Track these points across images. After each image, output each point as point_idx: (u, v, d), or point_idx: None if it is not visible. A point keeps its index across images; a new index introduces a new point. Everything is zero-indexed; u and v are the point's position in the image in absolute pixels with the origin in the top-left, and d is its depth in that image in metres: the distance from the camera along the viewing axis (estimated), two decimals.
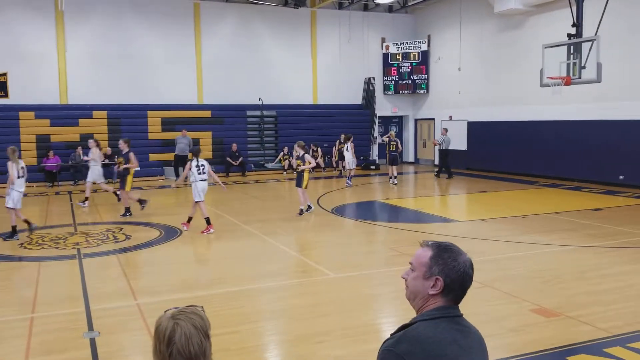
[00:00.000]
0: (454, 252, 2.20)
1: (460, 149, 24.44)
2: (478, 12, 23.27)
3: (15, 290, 8.04)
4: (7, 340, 5.96)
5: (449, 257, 2.19)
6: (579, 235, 10.64)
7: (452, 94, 25.16)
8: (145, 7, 23.07)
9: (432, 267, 2.18)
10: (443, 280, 2.17)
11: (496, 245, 10.07)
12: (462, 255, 2.20)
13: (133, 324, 6.41)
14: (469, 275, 2.18)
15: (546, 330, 5.97)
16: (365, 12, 26.80)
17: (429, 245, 2.24)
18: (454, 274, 2.16)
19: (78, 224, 12.76)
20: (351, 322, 6.32)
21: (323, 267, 8.74)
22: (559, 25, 18.18)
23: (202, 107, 23.96)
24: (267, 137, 24.87)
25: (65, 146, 21.33)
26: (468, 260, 2.20)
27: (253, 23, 24.85)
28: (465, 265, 2.18)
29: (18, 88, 21.33)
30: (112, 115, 22.29)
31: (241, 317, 6.55)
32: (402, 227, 12.19)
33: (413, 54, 26.80)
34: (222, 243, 10.86)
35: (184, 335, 1.88)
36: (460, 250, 2.22)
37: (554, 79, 15.78)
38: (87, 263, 9.13)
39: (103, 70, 22.49)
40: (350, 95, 26.67)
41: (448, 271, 2.16)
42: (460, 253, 2.20)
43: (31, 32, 21.59)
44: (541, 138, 20.20)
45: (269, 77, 25.07)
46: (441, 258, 2.19)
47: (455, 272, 2.17)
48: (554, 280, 7.83)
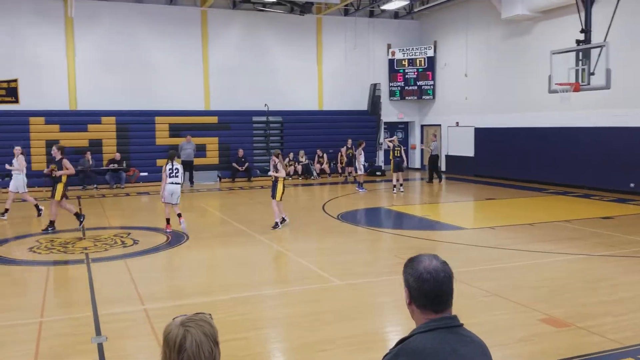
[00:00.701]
0: (416, 261, 2.25)
1: (468, 155, 24.39)
2: (485, 18, 23.26)
3: (24, 295, 8.06)
4: (16, 344, 5.98)
5: (411, 266, 2.26)
6: (589, 244, 10.56)
7: (459, 100, 25.13)
8: (153, 14, 23.20)
9: (403, 278, 2.27)
10: (407, 288, 2.24)
11: (504, 253, 10.02)
12: (423, 263, 2.22)
13: (140, 329, 6.42)
14: (425, 279, 2.18)
15: (555, 340, 5.92)
16: (371, 18, 26.85)
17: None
18: (413, 281, 2.21)
19: (86, 229, 12.80)
20: (355, 330, 6.29)
21: (328, 274, 8.72)
22: (567, 32, 18.14)
23: (208, 113, 24.05)
24: (273, 142, 24.90)
25: (74, 151, 21.37)
26: (430, 265, 2.21)
27: (259, 30, 24.94)
28: (424, 270, 2.20)
29: (28, 94, 21.46)
30: (120, 121, 22.40)
31: (247, 324, 6.54)
32: (408, 234, 12.16)
33: (419, 60, 26.80)
34: (228, 249, 10.86)
35: (195, 342, 1.89)
36: (427, 259, 2.24)
37: (562, 86, 15.73)
38: (95, 268, 9.15)
39: (112, 76, 22.61)
40: (356, 101, 26.69)
41: (408, 279, 2.24)
42: (422, 261, 2.23)
43: (41, 39, 21.74)
44: (550, 145, 20.10)
45: (275, 84, 25.13)
46: (405, 268, 2.27)
47: (413, 279, 2.21)
48: (564, 289, 7.77)
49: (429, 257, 2.23)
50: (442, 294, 2.18)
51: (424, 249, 10.32)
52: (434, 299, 2.17)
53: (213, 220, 14.82)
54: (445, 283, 2.19)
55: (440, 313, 2.18)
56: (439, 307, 2.18)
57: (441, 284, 2.17)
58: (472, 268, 8.79)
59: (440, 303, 2.18)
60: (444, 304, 2.19)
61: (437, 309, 2.18)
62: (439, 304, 2.18)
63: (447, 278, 2.20)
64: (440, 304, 2.18)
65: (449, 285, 2.21)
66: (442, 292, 2.18)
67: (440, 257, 2.26)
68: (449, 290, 2.20)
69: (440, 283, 2.17)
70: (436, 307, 2.18)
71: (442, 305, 2.18)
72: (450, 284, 2.22)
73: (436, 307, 2.18)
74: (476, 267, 8.89)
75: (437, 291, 2.17)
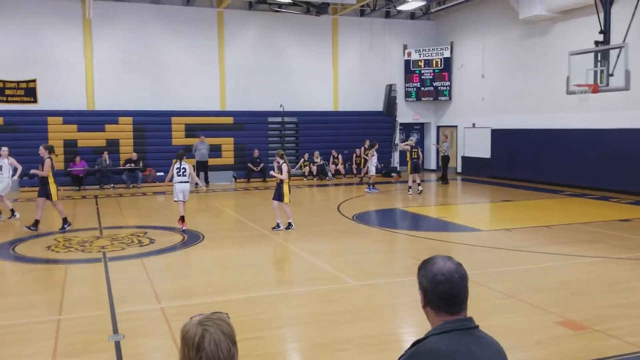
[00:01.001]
0: (430, 263, 2.25)
1: (484, 157, 24.25)
2: (502, 18, 23.11)
3: (42, 293, 8.16)
4: (34, 342, 6.05)
5: (425, 268, 2.26)
6: (607, 247, 10.46)
7: (476, 101, 25.00)
8: (170, 15, 23.36)
9: (418, 280, 2.27)
10: (421, 290, 2.24)
11: (521, 255, 9.95)
12: (437, 265, 2.22)
13: (157, 327, 6.46)
14: (439, 281, 2.17)
15: (572, 343, 5.88)
16: (387, 19, 26.80)
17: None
18: (427, 283, 2.21)
19: (103, 227, 12.92)
20: (371, 330, 6.29)
21: (343, 275, 8.72)
22: (585, 32, 17.97)
23: (224, 114, 24.15)
24: (288, 143, 24.94)
25: (91, 151, 21.64)
26: (444, 267, 2.20)
27: (275, 31, 25.01)
28: (438, 272, 2.19)
29: (46, 94, 21.81)
30: (137, 121, 22.58)
31: (262, 323, 6.56)
32: (423, 235, 12.12)
33: (435, 61, 26.70)
34: (244, 248, 10.90)
35: (213, 341, 1.90)
36: (441, 260, 2.24)
37: (580, 87, 15.59)
38: (113, 266, 9.23)
39: (129, 76, 22.81)
40: (372, 102, 26.66)
41: (422, 281, 2.24)
42: (436, 263, 2.23)
43: (59, 40, 21.98)
44: (567, 146, 19.93)
45: (291, 84, 25.19)
46: (419, 270, 2.28)
47: (427, 281, 2.22)
48: (581, 292, 7.70)
49: (443, 259, 2.23)
50: (457, 296, 2.17)
51: (440, 250, 10.29)
52: (448, 300, 2.17)
53: (228, 220, 14.88)
54: (459, 285, 2.18)
55: (455, 315, 2.18)
56: (454, 309, 2.18)
57: (455, 286, 2.17)
58: (488, 270, 8.74)
59: (455, 305, 2.17)
60: (458, 305, 2.18)
61: (451, 311, 2.18)
62: (453, 305, 2.17)
63: (462, 280, 2.20)
64: (454, 306, 2.17)
65: (464, 286, 2.20)
66: (457, 294, 2.17)
67: (455, 259, 2.25)
68: (464, 292, 2.20)
69: (454, 285, 2.17)
70: (451, 308, 2.17)
71: (457, 307, 2.18)
72: (465, 285, 2.21)
73: (451, 308, 2.17)
74: (492, 269, 8.84)
75: (452, 293, 2.17)
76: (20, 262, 9.78)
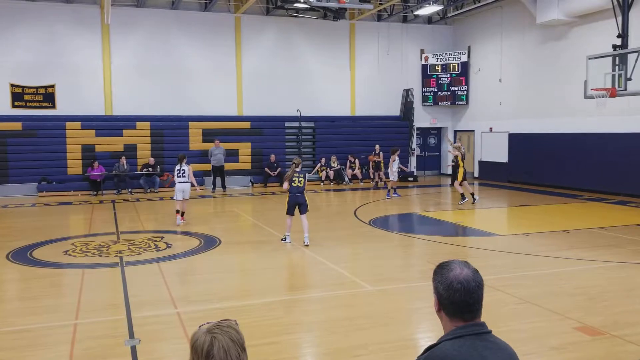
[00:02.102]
0: (446, 268, 2.23)
1: (502, 161, 24.08)
2: (520, 22, 22.97)
3: (59, 297, 8.23)
4: (51, 346, 6.11)
5: (441, 273, 2.24)
6: (625, 252, 10.33)
7: (493, 105, 24.85)
8: (188, 20, 23.54)
9: (433, 285, 2.26)
10: (436, 296, 2.23)
11: (539, 260, 9.86)
12: (454, 271, 2.20)
13: (173, 332, 6.49)
14: (455, 289, 2.16)
15: (590, 349, 5.80)
16: (404, 23, 26.76)
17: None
18: (443, 290, 2.19)
19: (121, 232, 13.02)
20: (388, 336, 6.27)
21: (360, 280, 8.70)
22: (603, 36, 17.81)
23: (241, 119, 24.26)
24: (305, 148, 24.98)
25: (109, 156, 21.83)
26: (461, 275, 2.19)
27: (292, 36, 25.09)
28: (454, 279, 2.18)
29: (65, 99, 22.09)
30: (155, 126, 22.75)
31: (279, 328, 6.56)
32: (440, 240, 12.05)
33: (452, 65, 26.60)
34: (260, 253, 10.92)
35: (222, 348, 1.91)
36: (458, 266, 2.22)
37: (598, 91, 15.44)
38: (129, 271, 9.30)
39: (147, 82, 23.01)
40: (389, 106, 26.61)
41: (438, 287, 2.22)
42: (453, 269, 2.21)
43: (78, 46, 22.25)
44: (585, 150, 19.73)
45: (308, 89, 25.24)
46: (435, 275, 2.26)
47: (443, 287, 2.20)
48: (599, 297, 7.61)
49: (460, 265, 2.22)
50: (473, 304, 2.17)
51: (457, 255, 10.22)
52: (464, 308, 2.16)
53: (245, 225, 14.92)
54: (475, 293, 2.17)
55: (469, 321, 2.17)
56: (469, 316, 2.17)
57: (472, 294, 2.16)
58: (505, 275, 8.67)
59: (470, 312, 2.17)
60: (473, 312, 2.17)
61: (466, 317, 2.17)
62: (468, 312, 2.17)
63: (478, 288, 2.19)
64: (470, 313, 2.17)
65: (480, 294, 2.19)
66: (473, 302, 2.17)
67: (471, 265, 2.24)
68: (480, 300, 2.19)
69: (471, 292, 2.16)
70: (466, 315, 2.17)
71: (472, 314, 2.17)
72: (481, 292, 2.20)
73: (466, 315, 2.17)
74: (509, 274, 8.77)
75: (468, 301, 2.16)
76: (38, 267, 9.89)
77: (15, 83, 21.53)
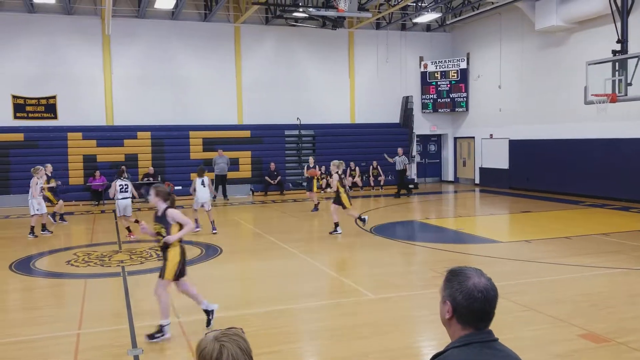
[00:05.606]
0: (463, 276, 2.20)
1: (502, 167, 24.08)
2: (518, 29, 23.03)
3: (62, 307, 8.22)
4: (55, 356, 6.10)
5: (457, 280, 2.20)
6: (628, 258, 10.30)
7: (493, 111, 24.87)
8: (188, 31, 23.63)
9: (444, 291, 2.22)
10: (451, 304, 2.18)
11: (541, 267, 9.83)
12: (472, 279, 2.18)
13: (175, 341, 6.47)
14: (475, 298, 2.14)
15: (595, 356, 5.78)
16: (402, 31, 26.84)
17: (446, 270, 2.28)
18: (460, 296, 2.16)
19: (122, 242, 13.01)
20: (390, 344, 6.25)
21: (362, 288, 8.68)
22: (602, 42, 17.84)
23: (241, 127, 24.30)
24: (305, 156, 24.97)
25: (110, 166, 21.84)
26: (480, 283, 2.17)
27: (292, 44, 25.16)
28: (474, 288, 2.15)
29: (66, 110, 22.14)
30: (155, 136, 22.79)
31: (281, 337, 6.54)
32: (442, 247, 12.03)
33: (452, 72, 26.65)
34: (261, 262, 10.90)
35: (231, 356, 1.89)
36: (475, 274, 2.20)
37: (598, 97, 15.45)
38: (131, 280, 9.29)
39: (147, 92, 23.07)
40: (388, 114, 26.64)
41: (454, 294, 2.18)
42: (470, 277, 2.19)
43: (79, 57, 22.32)
44: (586, 156, 19.73)
45: (307, 97, 25.29)
46: (450, 282, 2.22)
47: (461, 294, 2.16)
48: (603, 304, 7.58)
49: (477, 273, 2.20)
50: (490, 313, 2.17)
51: (459, 262, 10.18)
52: (483, 316, 2.15)
53: (246, 233, 14.91)
54: (494, 302, 2.17)
55: (483, 329, 2.16)
56: (483, 324, 2.16)
57: (491, 303, 2.16)
58: (508, 282, 8.64)
59: (486, 321, 2.17)
60: (488, 321, 2.18)
61: (480, 326, 2.16)
62: (486, 321, 2.16)
63: (496, 297, 2.18)
64: (485, 322, 2.16)
65: (496, 303, 2.19)
66: (490, 311, 2.16)
67: (485, 273, 2.23)
68: (495, 308, 2.19)
69: (490, 302, 2.16)
70: (481, 324, 2.16)
71: (487, 323, 2.17)
72: (496, 301, 2.20)
73: (481, 324, 2.16)
74: (512, 281, 8.74)
75: (486, 310, 2.15)
76: (40, 277, 9.87)
77: (17, 94, 21.60)
